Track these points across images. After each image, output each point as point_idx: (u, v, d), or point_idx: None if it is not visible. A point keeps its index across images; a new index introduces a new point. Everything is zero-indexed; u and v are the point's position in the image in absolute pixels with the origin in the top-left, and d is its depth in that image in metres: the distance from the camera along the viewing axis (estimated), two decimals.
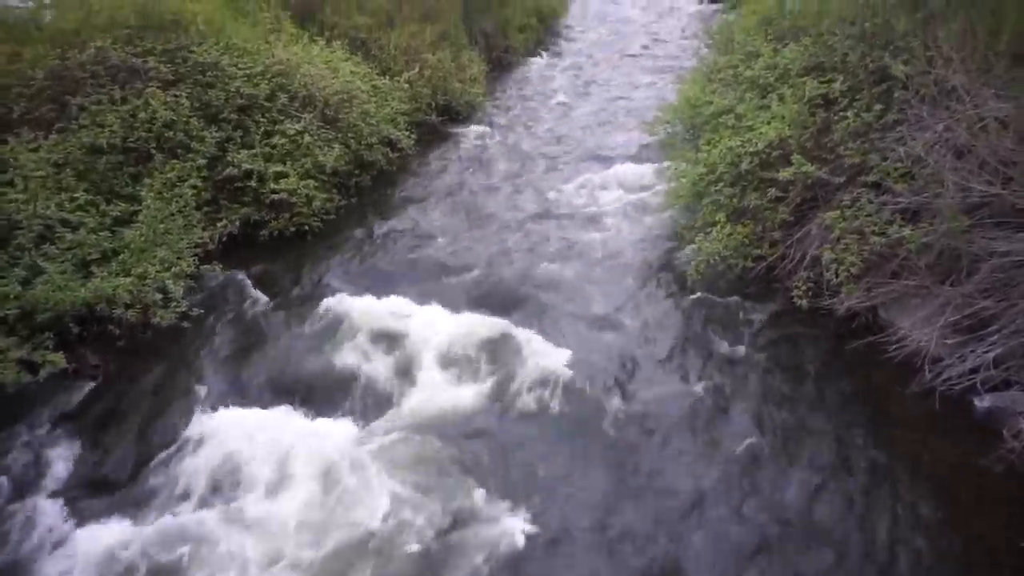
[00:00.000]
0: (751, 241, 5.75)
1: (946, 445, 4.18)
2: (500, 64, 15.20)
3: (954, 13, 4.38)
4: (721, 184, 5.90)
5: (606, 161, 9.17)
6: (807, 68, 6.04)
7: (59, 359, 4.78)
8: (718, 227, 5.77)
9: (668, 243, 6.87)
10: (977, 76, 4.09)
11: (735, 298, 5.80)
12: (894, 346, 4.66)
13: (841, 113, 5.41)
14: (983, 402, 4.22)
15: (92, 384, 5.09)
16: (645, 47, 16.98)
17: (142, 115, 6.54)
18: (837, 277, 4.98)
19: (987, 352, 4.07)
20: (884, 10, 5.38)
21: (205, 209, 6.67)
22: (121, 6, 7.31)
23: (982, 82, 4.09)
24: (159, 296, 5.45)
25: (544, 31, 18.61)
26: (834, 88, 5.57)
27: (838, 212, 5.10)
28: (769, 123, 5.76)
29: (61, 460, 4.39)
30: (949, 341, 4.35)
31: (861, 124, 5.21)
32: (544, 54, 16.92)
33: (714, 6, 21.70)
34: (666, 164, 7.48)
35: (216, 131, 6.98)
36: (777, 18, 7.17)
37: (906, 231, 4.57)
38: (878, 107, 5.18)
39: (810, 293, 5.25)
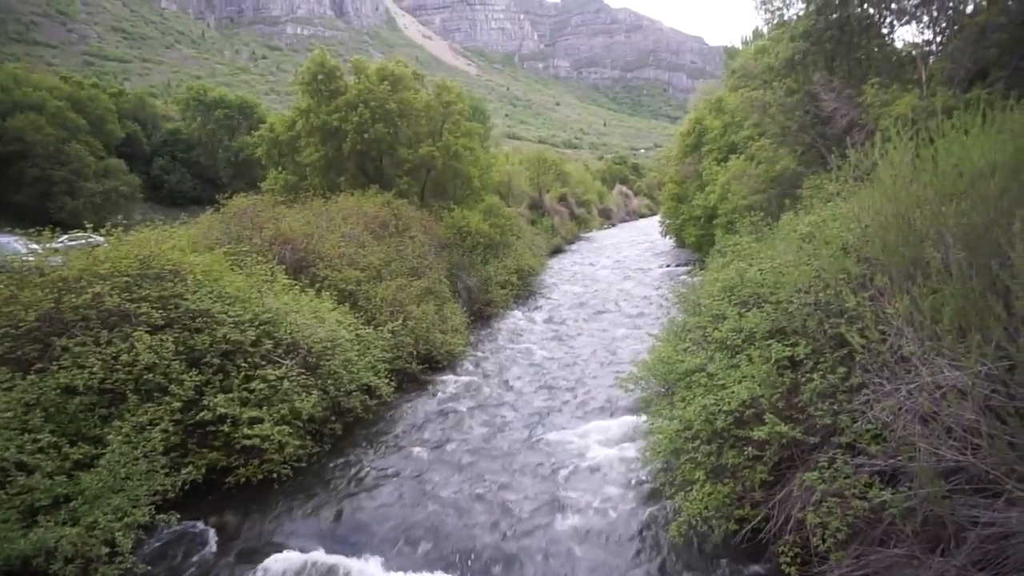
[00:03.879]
0: (732, 501, 5.59)
1: None
2: (481, 316, 15.96)
3: (898, 290, 4.77)
4: (698, 441, 5.89)
5: (581, 415, 9.22)
6: (771, 332, 6.39)
7: None
8: (697, 485, 5.66)
9: (647, 502, 6.66)
10: (929, 347, 4.34)
11: (720, 566, 5.49)
12: None
13: (808, 375, 5.61)
14: None
15: None
16: (617, 304, 18.00)
17: (124, 357, 6.61)
18: (824, 543, 4.78)
19: None
20: (835, 283, 5.85)
21: (172, 454, 6.45)
22: (125, 256, 7.76)
23: (935, 352, 4.32)
24: (105, 550, 5.05)
25: (524, 287, 19.85)
26: (798, 351, 5.84)
27: (817, 473, 5.05)
28: (740, 382, 5.94)
29: None
30: None
31: (828, 386, 5.38)
32: (523, 308, 17.85)
33: (680, 268, 23.55)
34: (641, 419, 7.53)
35: (196, 374, 7.02)
36: (738, 285, 7.74)
37: (886, 495, 4.49)
38: (842, 370, 5.39)
39: (799, 560, 5.00)
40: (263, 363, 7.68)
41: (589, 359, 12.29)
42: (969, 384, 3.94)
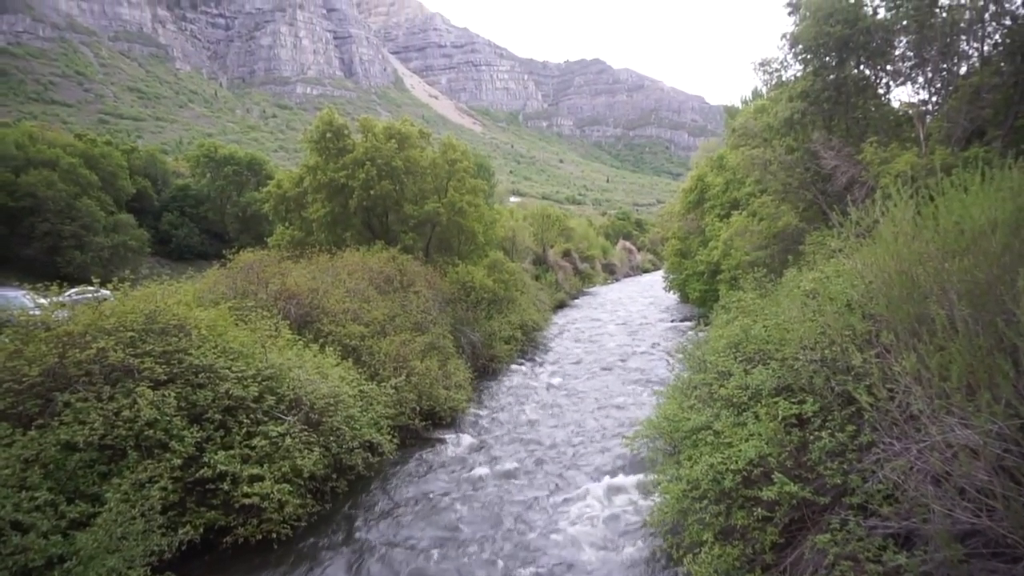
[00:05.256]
0: (742, 564, 5.44)
1: None
2: (486, 372, 15.87)
3: (904, 347, 4.75)
4: (706, 502, 5.78)
5: (587, 474, 9.05)
6: (777, 389, 6.33)
7: None
8: (706, 547, 5.52)
9: (655, 564, 6.48)
10: (938, 405, 4.28)
11: None
12: None
13: (816, 433, 5.53)
14: None
15: None
16: (622, 359, 17.90)
17: (126, 413, 6.55)
18: None
19: None
20: (841, 339, 5.82)
21: (170, 513, 6.32)
22: (131, 311, 7.79)
23: (944, 410, 4.26)
24: None
25: (528, 342, 19.78)
26: (805, 409, 5.77)
27: (829, 535, 4.93)
28: (747, 440, 5.85)
29: None
30: None
31: (837, 444, 5.30)
32: (528, 363, 17.75)
33: (685, 324, 23.50)
34: (648, 478, 7.40)
35: (198, 430, 6.94)
36: (744, 341, 7.70)
37: (901, 558, 4.37)
38: (850, 428, 5.32)
39: None
40: (265, 419, 7.60)
41: (593, 416, 12.15)
42: (980, 443, 3.88)
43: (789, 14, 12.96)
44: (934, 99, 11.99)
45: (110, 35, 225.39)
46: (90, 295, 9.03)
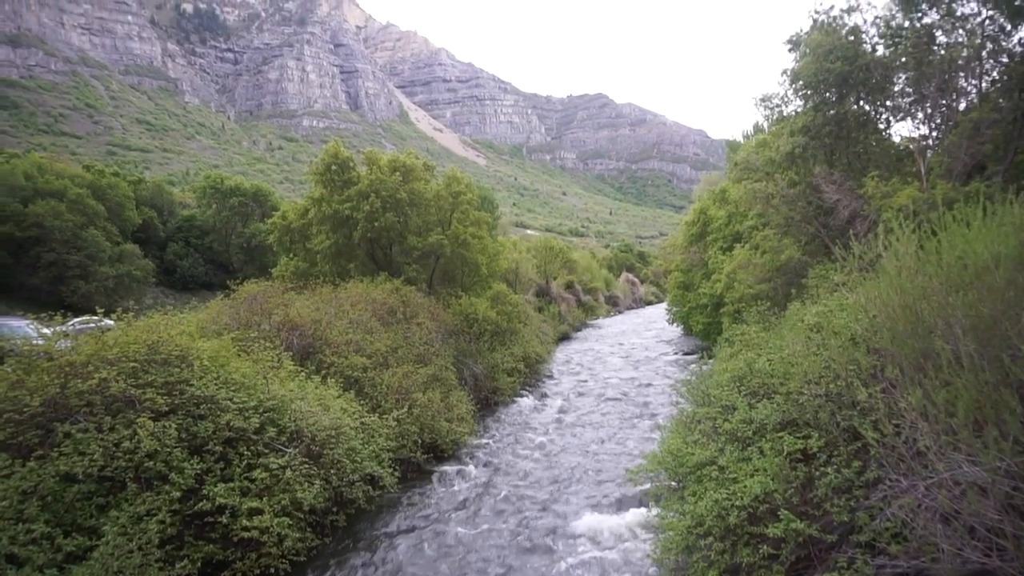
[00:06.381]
0: None
1: None
2: (488, 404, 15.78)
3: (910, 382, 4.71)
4: (710, 538, 5.69)
5: (588, 508, 8.92)
6: (782, 423, 6.27)
7: None
8: None
9: None
10: (945, 442, 4.23)
11: None
12: None
13: (822, 468, 5.47)
14: None
15: None
16: (625, 393, 17.78)
17: (126, 444, 6.52)
18: None
19: None
20: (845, 374, 5.79)
21: (167, 546, 6.24)
22: (133, 341, 7.78)
23: (951, 447, 4.21)
24: None
25: (531, 374, 19.69)
26: (811, 444, 5.72)
27: (836, 574, 4.85)
28: (752, 476, 5.78)
29: None
30: None
31: (843, 480, 5.24)
32: (530, 395, 17.65)
33: (688, 356, 23.40)
34: (652, 513, 7.30)
35: (198, 462, 6.88)
36: (747, 375, 7.66)
37: None
38: (856, 464, 5.26)
39: None
40: (266, 451, 7.54)
41: (595, 449, 12.03)
42: (989, 481, 3.83)
43: (790, 51, 13.15)
44: (934, 134, 12.09)
45: (121, 69, 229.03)
46: (93, 325, 9.03)
